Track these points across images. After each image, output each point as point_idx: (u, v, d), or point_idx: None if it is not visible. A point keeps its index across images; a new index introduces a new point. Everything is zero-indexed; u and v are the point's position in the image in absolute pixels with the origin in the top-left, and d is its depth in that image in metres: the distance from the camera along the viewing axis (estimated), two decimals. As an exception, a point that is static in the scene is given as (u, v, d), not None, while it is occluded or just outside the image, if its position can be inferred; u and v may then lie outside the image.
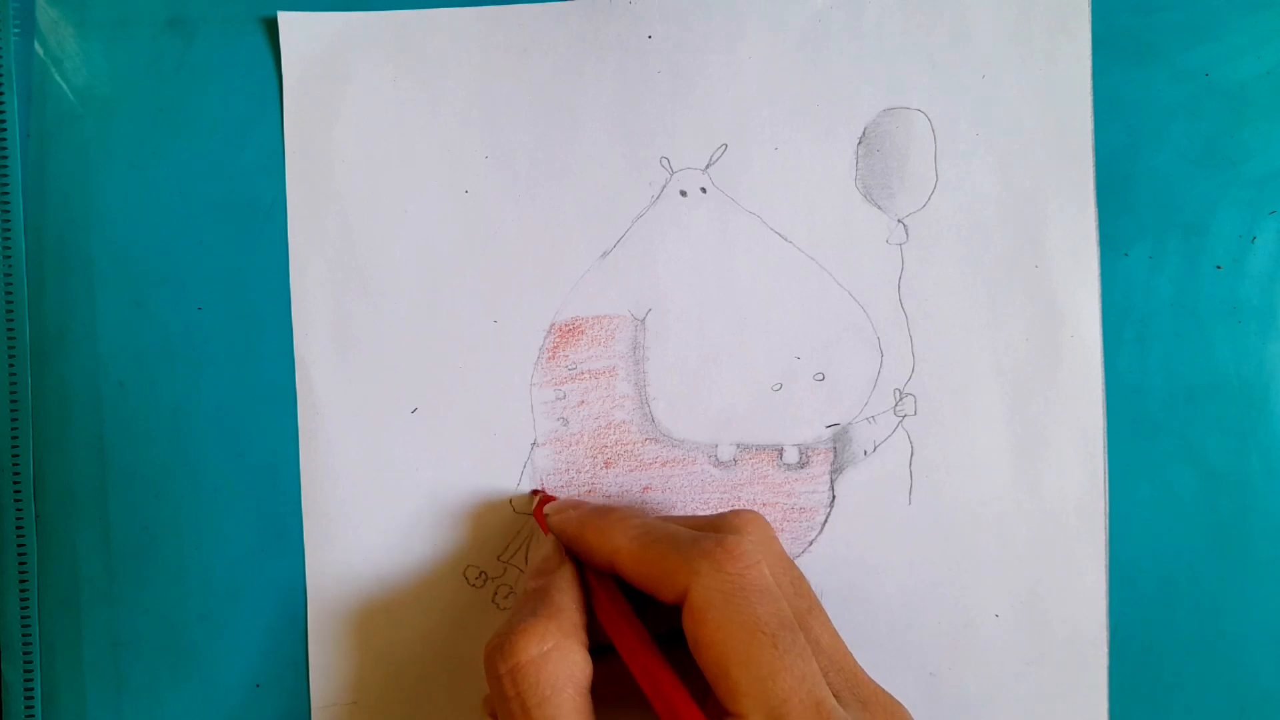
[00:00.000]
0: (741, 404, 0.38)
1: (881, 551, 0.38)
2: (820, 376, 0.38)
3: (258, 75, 0.38)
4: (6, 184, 0.37)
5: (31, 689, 0.38)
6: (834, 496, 0.38)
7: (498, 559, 0.38)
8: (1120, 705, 0.38)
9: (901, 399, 0.38)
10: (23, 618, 0.38)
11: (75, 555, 0.38)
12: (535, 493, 0.38)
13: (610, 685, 0.31)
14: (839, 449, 0.38)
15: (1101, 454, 0.38)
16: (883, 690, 0.29)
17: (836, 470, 0.38)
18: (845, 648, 0.30)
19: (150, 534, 0.38)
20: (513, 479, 0.38)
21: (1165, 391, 0.38)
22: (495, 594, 0.38)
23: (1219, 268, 0.38)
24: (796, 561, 0.37)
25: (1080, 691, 0.38)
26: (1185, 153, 0.38)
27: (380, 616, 0.38)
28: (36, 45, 0.38)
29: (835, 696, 0.27)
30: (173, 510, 0.38)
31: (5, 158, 0.37)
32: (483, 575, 0.38)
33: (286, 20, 0.38)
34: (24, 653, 0.38)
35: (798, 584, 0.31)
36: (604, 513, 0.32)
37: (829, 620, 0.30)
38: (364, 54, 0.38)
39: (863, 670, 0.30)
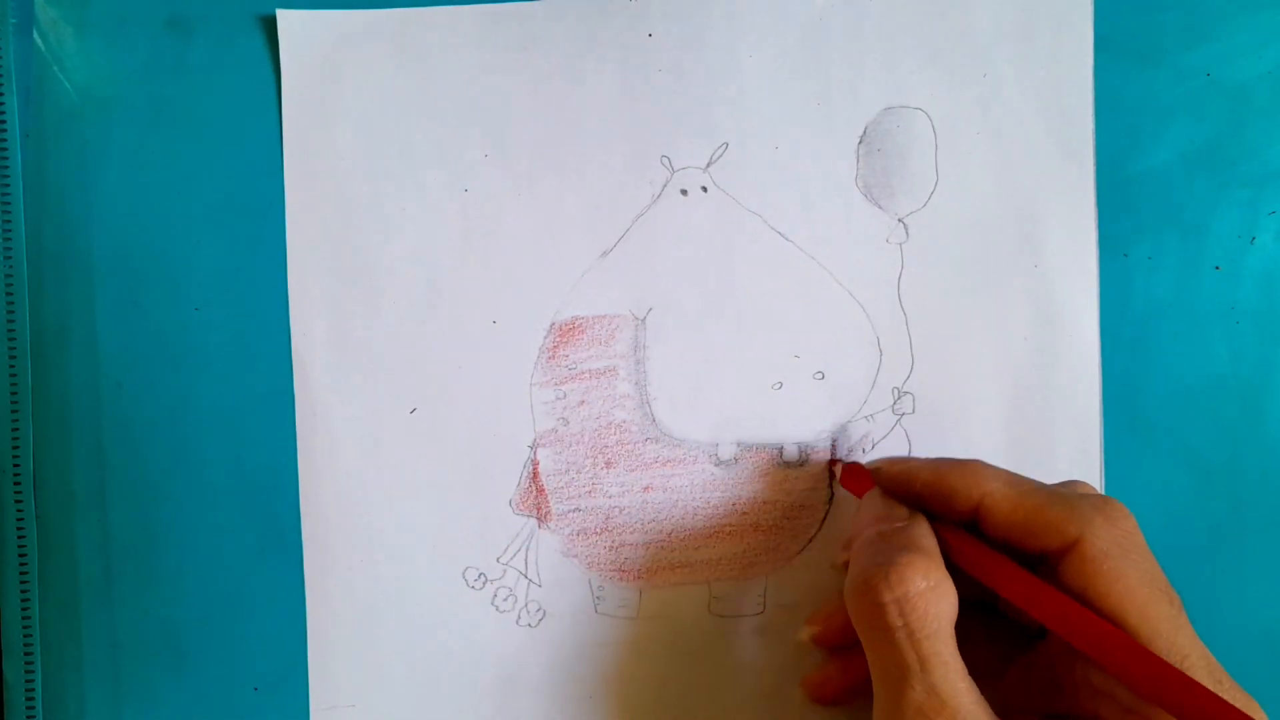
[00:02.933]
0: (742, 403, 0.38)
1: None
2: (820, 375, 0.38)
3: (256, 74, 0.38)
4: (6, 184, 0.37)
5: (32, 689, 0.38)
6: (833, 494, 0.38)
7: (497, 560, 0.38)
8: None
9: (900, 398, 0.38)
10: (23, 618, 0.38)
11: (75, 556, 0.38)
12: (834, 462, 0.37)
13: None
14: (838, 447, 0.38)
15: (1098, 453, 0.38)
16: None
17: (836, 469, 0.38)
18: None
19: (149, 535, 0.38)
20: (513, 479, 0.38)
21: (1163, 391, 0.38)
22: (495, 595, 0.38)
23: (1218, 268, 0.38)
24: (796, 559, 0.38)
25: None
26: (1185, 153, 0.38)
27: (379, 618, 0.38)
28: (36, 44, 0.38)
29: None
30: (172, 511, 0.38)
31: (5, 157, 0.37)
32: (482, 577, 0.38)
33: (285, 18, 0.37)
34: (25, 653, 0.38)
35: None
36: (958, 460, 0.32)
37: None
38: (363, 52, 0.38)
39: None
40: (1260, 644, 0.38)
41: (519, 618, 0.38)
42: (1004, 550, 0.30)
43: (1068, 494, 0.30)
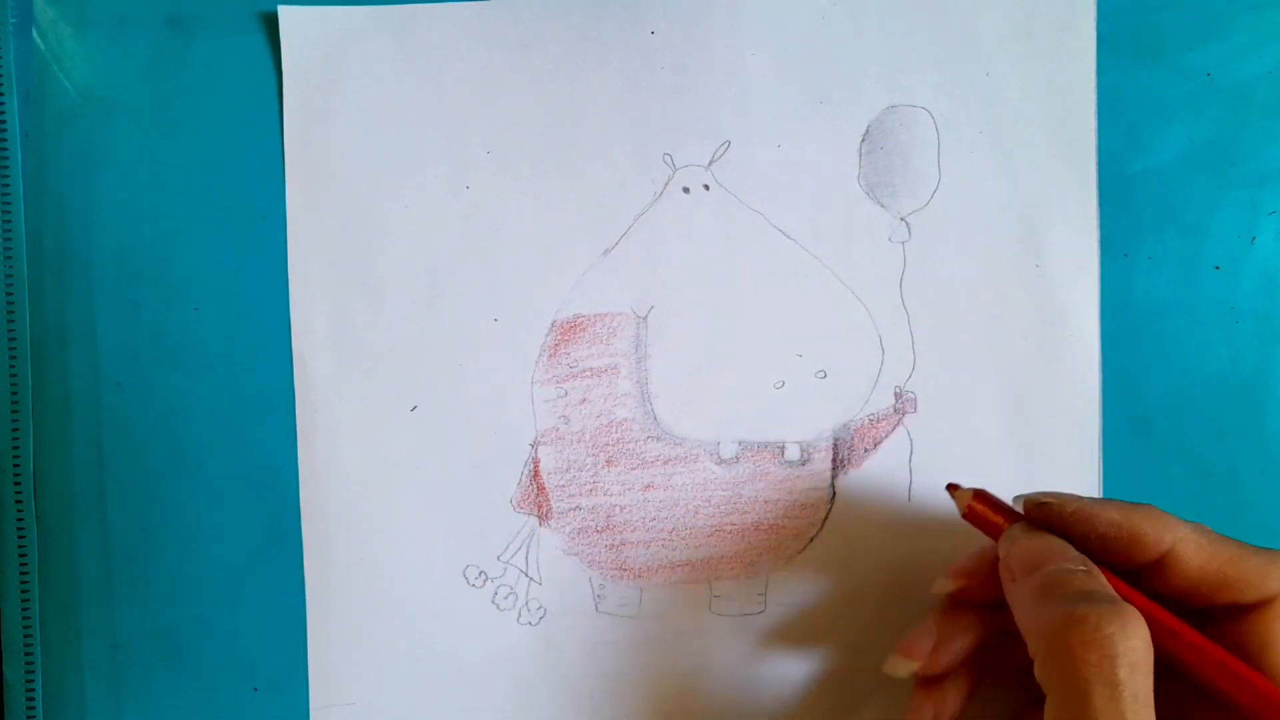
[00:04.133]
0: (743, 401, 0.38)
1: (881, 548, 0.38)
2: (822, 374, 0.38)
3: (257, 74, 0.38)
4: (6, 184, 0.37)
5: (32, 690, 0.38)
6: (835, 493, 0.38)
7: (497, 559, 0.38)
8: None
9: (902, 396, 0.38)
10: (23, 619, 0.38)
11: (75, 556, 0.38)
12: (953, 487, 0.34)
13: None
14: (840, 446, 0.38)
15: (1098, 452, 0.38)
16: None
17: (837, 468, 0.38)
18: None
19: (149, 535, 0.38)
20: (514, 477, 0.38)
21: (1162, 391, 0.38)
22: (495, 594, 0.38)
23: (1218, 268, 0.38)
24: (797, 558, 0.38)
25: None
26: (1186, 152, 0.38)
27: (380, 616, 0.38)
28: (36, 44, 0.38)
29: None
30: (172, 511, 0.38)
31: (4, 158, 0.37)
32: (483, 575, 0.38)
33: (287, 15, 0.37)
34: (25, 653, 0.38)
35: None
36: (1132, 504, 0.30)
37: None
38: (365, 49, 0.38)
39: None
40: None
41: (520, 616, 0.38)
42: (1170, 605, 0.29)
43: (1253, 547, 0.29)
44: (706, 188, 0.38)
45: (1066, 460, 0.38)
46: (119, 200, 0.38)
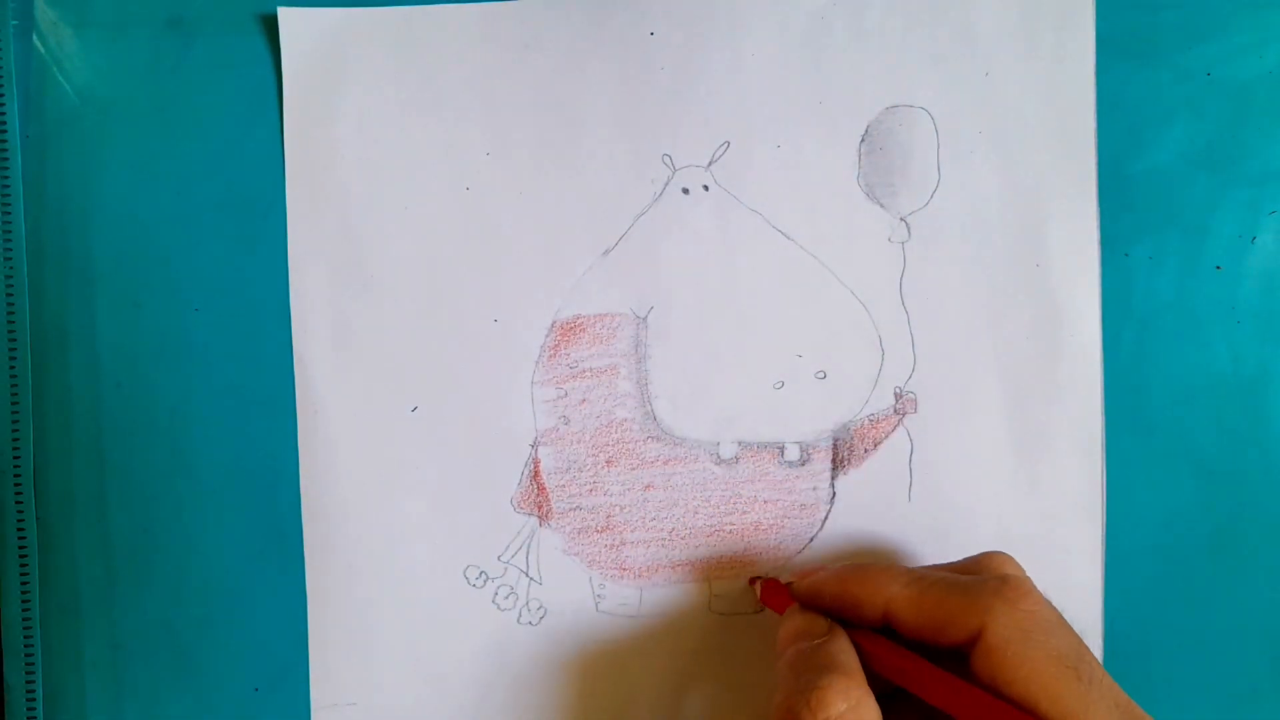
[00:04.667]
0: (743, 402, 0.38)
1: (881, 549, 0.38)
2: (822, 374, 0.38)
3: (257, 75, 0.38)
4: (7, 185, 0.37)
5: (33, 691, 0.38)
6: (834, 494, 0.38)
7: (498, 559, 0.38)
8: (1119, 703, 0.38)
9: (902, 397, 0.38)
10: (24, 620, 0.38)
11: (75, 558, 0.38)
12: (754, 580, 0.37)
13: None
14: (840, 447, 0.38)
15: (1100, 452, 0.38)
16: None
17: (837, 468, 0.38)
18: (1113, 680, 0.30)
19: (150, 536, 0.38)
20: (514, 477, 0.38)
21: (1164, 391, 0.38)
22: (495, 594, 0.38)
23: (1219, 268, 0.38)
24: (797, 559, 0.38)
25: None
26: (1186, 152, 0.38)
27: (380, 616, 0.38)
28: (36, 45, 0.38)
29: None
30: (172, 512, 0.38)
31: (5, 158, 0.37)
32: (483, 575, 0.38)
33: (286, 16, 0.37)
34: (25, 654, 0.38)
35: (1064, 621, 0.30)
36: (862, 566, 0.33)
37: (1094, 655, 0.30)
38: (364, 50, 0.38)
39: (1136, 704, 0.29)
40: (1256, 641, 0.38)
41: (520, 616, 0.38)
42: (924, 648, 0.30)
43: (968, 582, 0.30)
44: (706, 188, 0.38)
45: (1068, 461, 0.38)
46: (119, 200, 0.38)
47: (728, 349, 0.38)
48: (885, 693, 0.30)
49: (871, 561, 0.37)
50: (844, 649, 0.31)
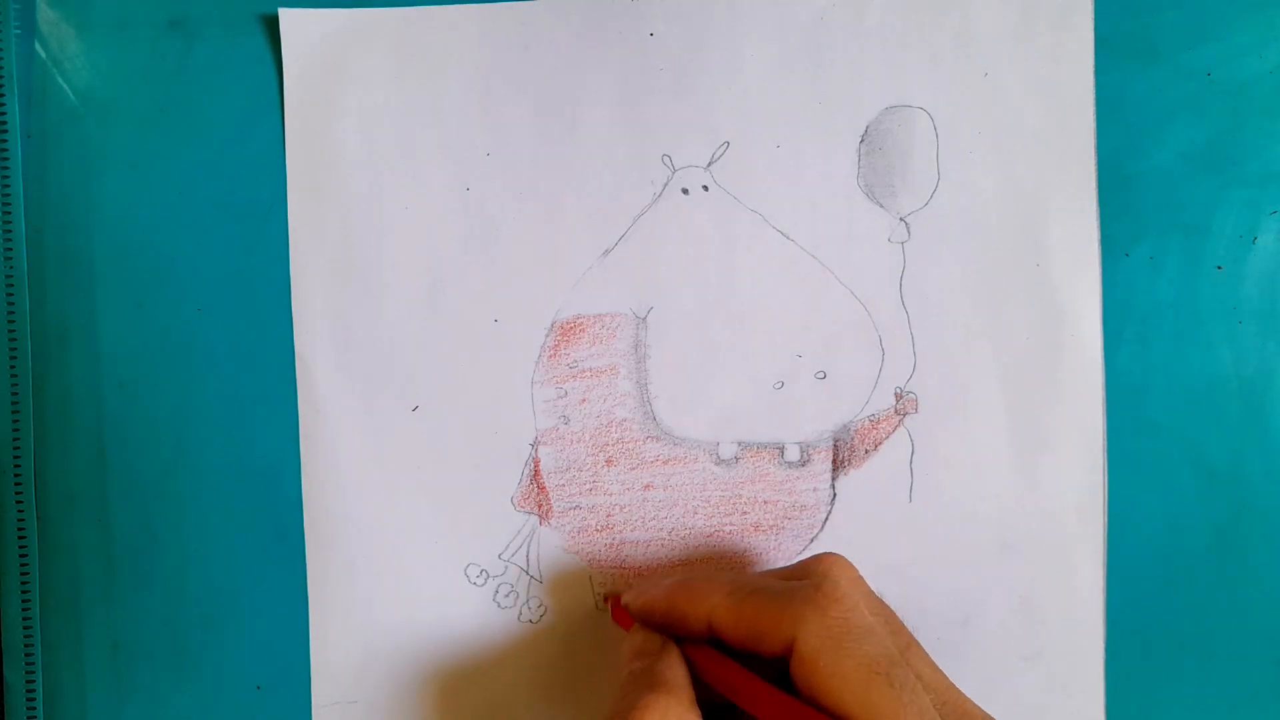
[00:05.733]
0: (743, 402, 0.38)
1: (882, 549, 0.38)
2: (822, 375, 0.38)
3: (258, 76, 0.38)
4: (8, 185, 0.37)
5: (33, 691, 0.38)
6: (835, 494, 0.38)
7: (499, 557, 0.38)
8: (1117, 703, 0.38)
9: (903, 397, 0.38)
10: (24, 619, 0.38)
11: (76, 557, 0.38)
12: (607, 599, 0.38)
13: None
14: (840, 447, 0.38)
15: (1101, 453, 0.38)
16: (984, 712, 0.29)
17: (837, 469, 0.38)
18: (947, 679, 0.30)
19: (151, 535, 0.38)
20: (514, 476, 0.38)
21: (1165, 391, 0.38)
22: (496, 592, 0.38)
23: (1220, 268, 0.38)
24: (799, 557, 0.37)
25: (1078, 688, 0.38)
26: (1186, 153, 0.38)
27: (381, 614, 0.38)
28: (37, 46, 0.38)
29: None
30: (173, 511, 0.38)
31: (6, 159, 0.37)
32: (484, 573, 0.38)
33: (288, 17, 0.37)
34: (25, 655, 0.38)
35: (891, 621, 0.31)
36: (688, 581, 0.32)
37: (927, 654, 0.30)
38: (365, 51, 0.38)
39: (968, 699, 0.30)
40: (1258, 642, 0.38)
41: (520, 614, 0.38)
42: (753, 658, 0.30)
43: (784, 590, 0.30)
44: (706, 189, 0.38)
45: (1069, 461, 0.38)
46: (121, 201, 0.38)
47: (728, 349, 0.38)
48: (724, 703, 0.30)
49: (703, 571, 0.37)
50: (671, 665, 0.30)
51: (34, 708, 0.38)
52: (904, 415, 0.38)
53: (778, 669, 0.29)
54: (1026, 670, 0.38)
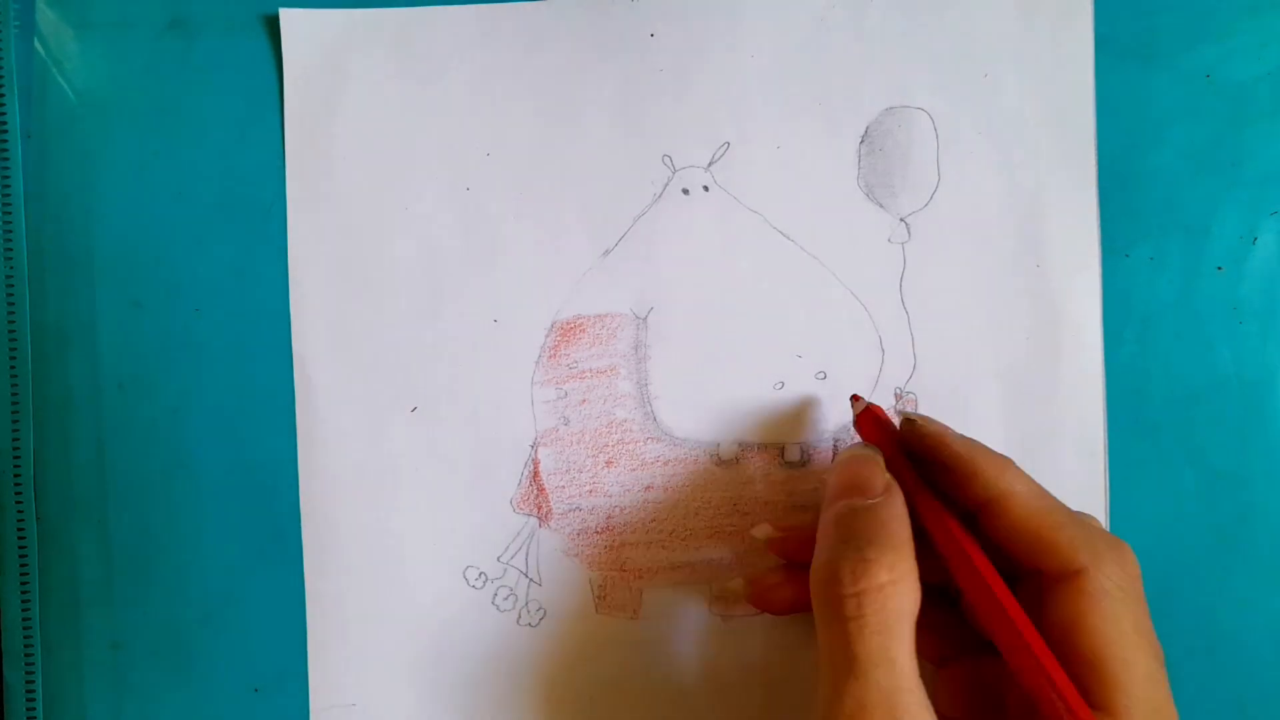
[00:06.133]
0: (743, 402, 0.38)
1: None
2: (822, 375, 0.38)
3: (258, 76, 0.38)
4: (7, 185, 0.37)
5: (33, 691, 0.38)
6: (835, 496, 0.38)
7: (497, 560, 0.38)
8: (1121, 706, 0.38)
9: (903, 398, 0.38)
10: (24, 620, 0.38)
11: (75, 557, 0.38)
12: (856, 398, 0.35)
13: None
14: (840, 447, 0.38)
15: (1102, 454, 0.38)
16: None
17: (838, 470, 0.38)
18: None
19: (150, 536, 0.38)
20: (514, 478, 0.38)
21: (1166, 392, 0.38)
22: (495, 595, 0.38)
23: (1220, 268, 0.38)
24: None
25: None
26: (1186, 154, 0.38)
27: (380, 617, 0.38)
28: (37, 46, 0.38)
29: None
30: (172, 512, 0.38)
31: (6, 159, 0.37)
32: (483, 576, 0.38)
33: (288, 17, 0.38)
34: (25, 655, 0.38)
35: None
36: (991, 451, 0.31)
37: None
38: (365, 51, 0.38)
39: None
40: (1262, 643, 0.38)
41: (519, 617, 0.38)
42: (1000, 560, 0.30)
43: (1088, 523, 0.30)
44: (706, 189, 0.38)
45: (1069, 462, 0.38)
46: (120, 202, 0.38)
47: (728, 349, 0.38)
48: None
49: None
50: (898, 516, 0.29)
51: (34, 708, 0.38)
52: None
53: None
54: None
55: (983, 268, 0.38)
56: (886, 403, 0.38)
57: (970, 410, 0.38)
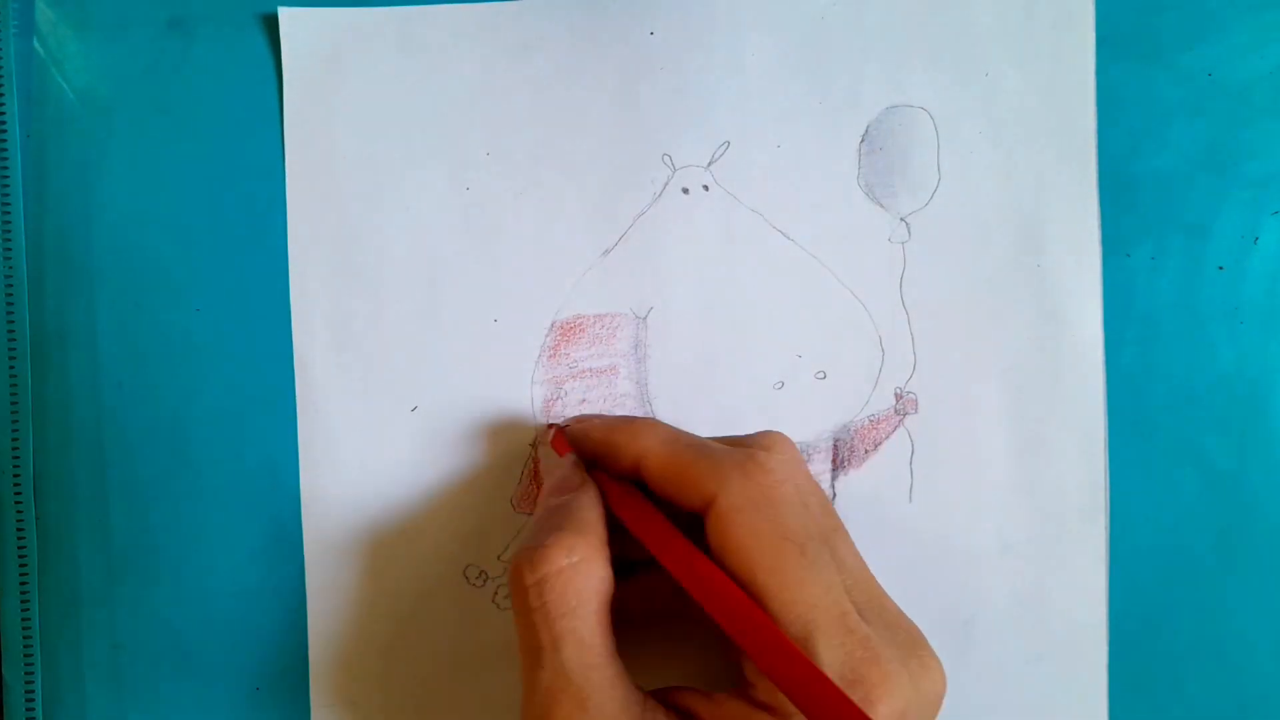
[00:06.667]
0: (743, 402, 0.38)
1: (882, 550, 0.38)
2: (822, 375, 0.38)
3: (258, 75, 0.38)
4: (7, 185, 0.37)
5: (32, 691, 0.38)
6: (835, 494, 0.38)
7: (498, 558, 0.38)
8: (1120, 705, 0.38)
9: (903, 397, 0.38)
10: (23, 620, 0.38)
11: (75, 557, 0.38)
12: (551, 426, 0.37)
13: (630, 605, 0.31)
14: (840, 447, 0.38)
15: (1102, 453, 0.38)
16: (905, 615, 0.30)
17: (838, 468, 0.38)
18: (869, 571, 0.30)
19: (150, 536, 0.38)
20: (514, 477, 0.38)
21: (1167, 392, 0.38)
22: (496, 593, 0.38)
23: (1221, 268, 0.38)
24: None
25: (1080, 690, 0.38)
26: (1187, 153, 0.38)
27: (380, 616, 0.38)
28: (36, 46, 0.38)
29: (860, 614, 0.28)
30: (173, 512, 0.38)
31: (5, 159, 0.37)
32: (483, 575, 0.38)
33: (287, 16, 0.37)
34: (25, 655, 0.38)
35: (824, 505, 0.31)
36: (629, 419, 0.33)
37: (853, 543, 0.31)
38: (365, 50, 0.38)
39: (887, 594, 0.30)
40: (1262, 642, 0.38)
41: (520, 616, 0.38)
42: (676, 512, 0.30)
43: (718, 450, 0.30)
44: (706, 188, 0.38)
45: (1070, 462, 0.38)
46: (120, 201, 0.38)
47: (728, 349, 0.38)
48: (645, 560, 0.30)
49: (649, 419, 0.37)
50: (587, 505, 0.31)
51: (33, 708, 0.38)
52: (904, 415, 0.38)
53: (696, 533, 0.29)
54: (1029, 672, 0.38)
55: (983, 267, 0.38)
56: (886, 402, 0.38)
57: (970, 410, 0.38)
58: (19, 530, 0.38)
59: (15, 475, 0.37)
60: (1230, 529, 0.38)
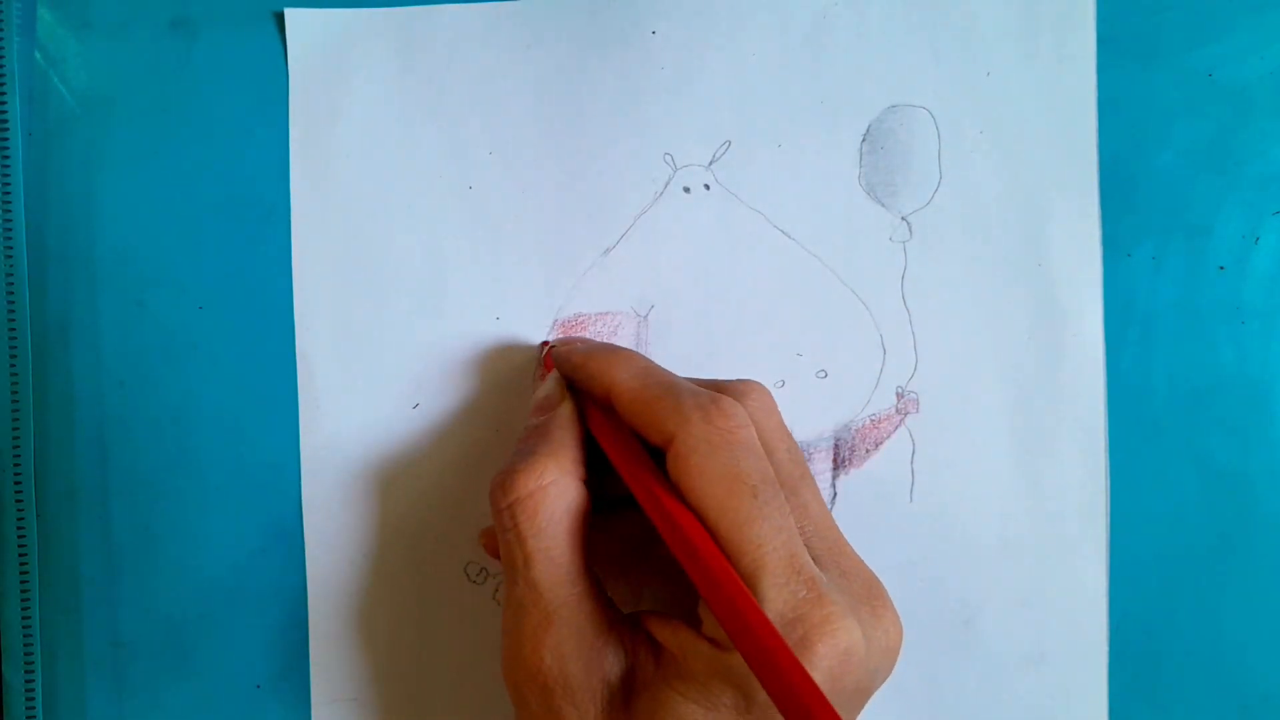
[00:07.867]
0: (744, 402, 0.38)
1: (882, 549, 0.38)
2: (822, 374, 0.38)
3: (261, 74, 0.38)
4: (8, 184, 0.37)
5: (32, 690, 0.38)
6: (835, 494, 0.38)
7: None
8: (1120, 705, 0.38)
9: (904, 397, 0.38)
10: (23, 618, 0.38)
11: (76, 555, 0.38)
12: (545, 344, 0.37)
13: (618, 534, 0.32)
14: (840, 446, 0.38)
15: (1103, 454, 0.38)
16: (866, 566, 0.30)
17: (838, 468, 0.38)
18: (833, 520, 0.30)
19: (151, 534, 0.38)
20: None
21: (1168, 392, 0.38)
22: (497, 590, 0.38)
23: (1222, 268, 0.38)
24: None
25: (1080, 691, 0.38)
26: (1188, 153, 0.38)
27: (382, 613, 0.38)
28: (39, 46, 0.38)
29: (816, 561, 0.28)
30: (174, 510, 0.38)
31: (7, 158, 0.37)
32: (484, 571, 0.38)
33: (293, 17, 0.38)
34: (25, 653, 0.38)
35: (793, 452, 0.31)
36: (611, 348, 0.33)
37: (819, 492, 0.31)
38: (369, 50, 0.38)
39: (848, 544, 0.30)
40: (1263, 644, 0.38)
41: (521, 614, 0.38)
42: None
43: (685, 390, 0.30)
44: (707, 187, 0.38)
45: (1071, 461, 0.38)
46: (123, 200, 0.38)
47: (729, 348, 0.38)
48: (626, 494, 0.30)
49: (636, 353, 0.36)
50: (562, 424, 0.32)
51: (33, 708, 0.38)
52: (905, 415, 0.38)
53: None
54: (1029, 672, 0.38)
55: (984, 266, 0.38)
56: (887, 402, 0.38)
57: (971, 409, 0.38)
58: (19, 529, 0.38)
59: (16, 474, 0.37)
60: (1231, 529, 0.38)
